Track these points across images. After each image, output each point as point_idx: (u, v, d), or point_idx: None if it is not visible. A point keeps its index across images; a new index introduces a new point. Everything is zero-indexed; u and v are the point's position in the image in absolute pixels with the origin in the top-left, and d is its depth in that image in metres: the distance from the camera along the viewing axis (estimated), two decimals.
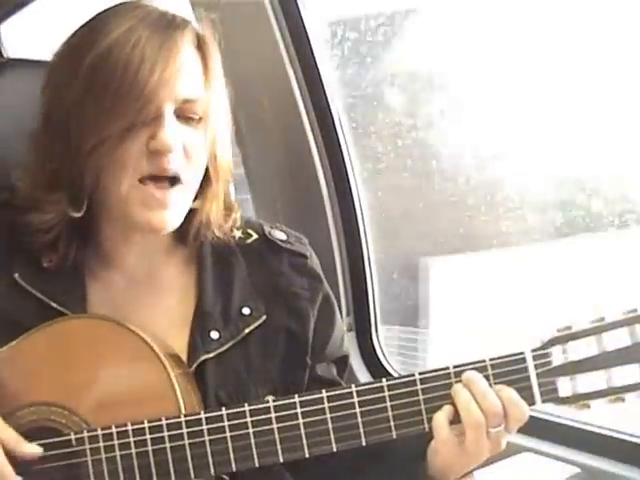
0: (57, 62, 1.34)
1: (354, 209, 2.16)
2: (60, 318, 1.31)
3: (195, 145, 1.31)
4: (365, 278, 2.18)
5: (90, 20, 1.33)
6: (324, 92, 2.09)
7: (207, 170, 1.36)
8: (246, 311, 1.39)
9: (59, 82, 1.31)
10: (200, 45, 1.33)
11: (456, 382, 1.22)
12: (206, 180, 1.37)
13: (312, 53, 2.06)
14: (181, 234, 1.40)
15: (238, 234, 1.45)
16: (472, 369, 1.22)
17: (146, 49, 1.25)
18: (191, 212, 1.37)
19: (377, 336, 2.18)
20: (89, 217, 1.35)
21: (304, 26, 2.04)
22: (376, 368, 2.14)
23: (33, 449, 1.22)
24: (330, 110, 2.11)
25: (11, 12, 3.31)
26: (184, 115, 1.30)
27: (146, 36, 1.26)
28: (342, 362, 1.52)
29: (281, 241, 1.47)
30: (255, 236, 1.47)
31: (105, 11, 1.33)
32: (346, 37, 2.33)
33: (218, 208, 1.39)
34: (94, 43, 1.27)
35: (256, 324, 1.39)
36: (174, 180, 1.30)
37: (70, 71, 1.29)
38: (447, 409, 1.21)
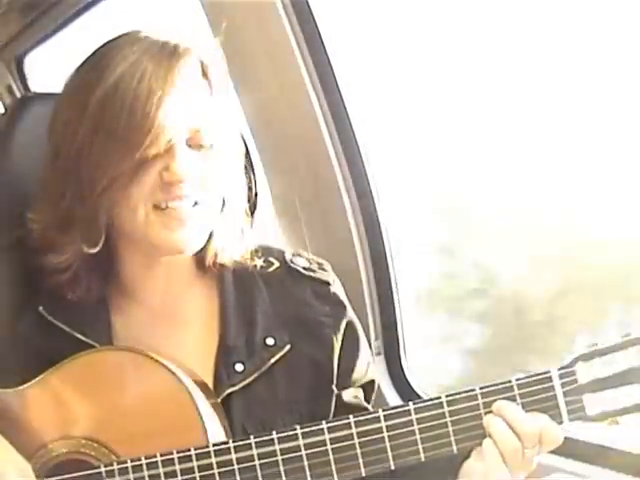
0: (64, 98, 1.35)
1: (380, 232, 2.16)
2: (87, 351, 1.31)
3: (208, 171, 1.32)
4: (393, 302, 2.17)
5: (94, 54, 1.34)
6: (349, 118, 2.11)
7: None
8: (270, 341, 1.39)
9: (67, 119, 1.32)
10: (205, 72, 1.33)
11: (483, 403, 1.21)
12: (223, 204, 1.37)
13: (341, 94, 2.08)
14: (200, 260, 1.41)
15: (259, 263, 1.44)
16: (499, 389, 1.21)
17: (152, 82, 1.26)
18: (209, 236, 1.37)
19: (406, 359, 2.17)
20: (108, 250, 1.36)
21: (331, 64, 2.06)
22: (406, 391, 2.13)
23: None
24: (355, 136, 2.12)
25: (35, 45, 3.37)
26: (195, 143, 1.30)
27: (151, 68, 1.27)
28: (369, 387, 1.51)
29: (303, 269, 1.47)
30: (276, 264, 1.46)
31: (108, 43, 1.34)
32: None
33: (235, 231, 1.40)
34: (100, 79, 1.28)
35: (280, 354, 1.39)
36: (193, 204, 1.31)
37: (78, 108, 1.29)
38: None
